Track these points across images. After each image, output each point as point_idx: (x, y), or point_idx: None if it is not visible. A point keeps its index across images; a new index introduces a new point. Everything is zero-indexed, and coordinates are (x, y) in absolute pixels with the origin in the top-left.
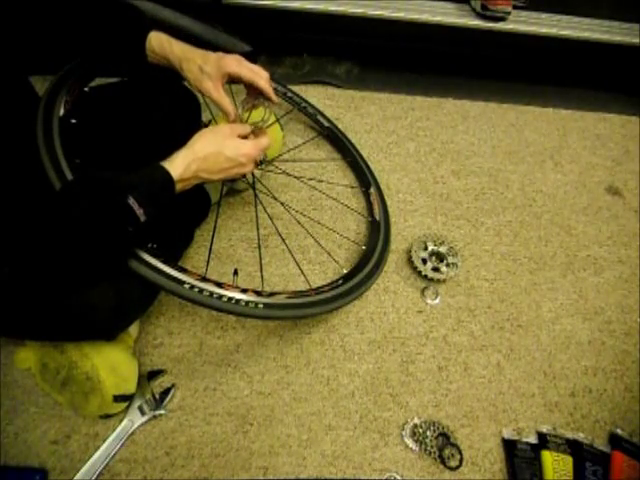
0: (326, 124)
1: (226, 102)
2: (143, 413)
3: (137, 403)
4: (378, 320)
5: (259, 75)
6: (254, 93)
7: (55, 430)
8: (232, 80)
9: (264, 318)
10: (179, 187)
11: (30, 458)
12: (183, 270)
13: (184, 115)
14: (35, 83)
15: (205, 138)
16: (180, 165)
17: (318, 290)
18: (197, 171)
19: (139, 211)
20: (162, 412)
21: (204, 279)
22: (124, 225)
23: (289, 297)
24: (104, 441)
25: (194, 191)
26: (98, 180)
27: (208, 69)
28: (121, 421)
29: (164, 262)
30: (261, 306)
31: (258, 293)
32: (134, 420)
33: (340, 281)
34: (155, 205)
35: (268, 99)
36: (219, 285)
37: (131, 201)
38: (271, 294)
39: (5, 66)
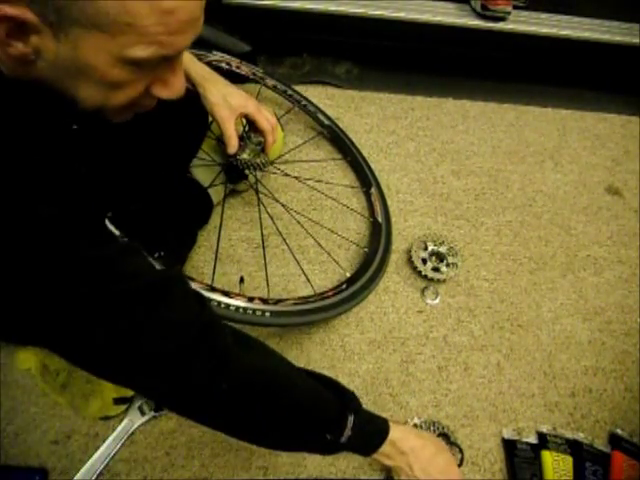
0: (326, 122)
1: (233, 137)
2: (143, 413)
3: (137, 403)
4: (378, 320)
5: (271, 128)
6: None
7: (55, 430)
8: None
9: (270, 326)
10: (385, 450)
11: (30, 458)
12: (190, 280)
13: (189, 119)
14: None
15: (434, 441)
16: (401, 431)
17: (323, 295)
18: (406, 451)
19: (346, 433)
20: (162, 412)
21: (212, 289)
22: (328, 429)
23: (295, 304)
24: (104, 441)
25: (196, 193)
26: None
27: (232, 102)
28: (121, 421)
29: None
30: (268, 314)
31: (264, 301)
32: (134, 420)
33: (344, 285)
34: (359, 438)
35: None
36: (226, 294)
37: (350, 419)
38: (277, 301)
39: None
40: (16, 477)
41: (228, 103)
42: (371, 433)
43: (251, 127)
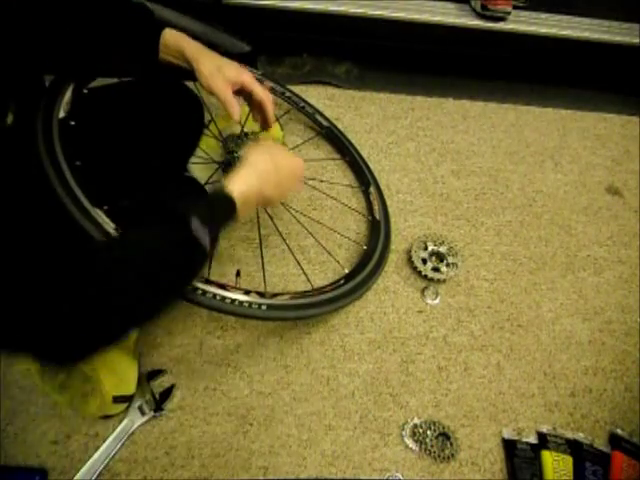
0: (325, 123)
1: (234, 103)
2: (143, 413)
3: (137, 403)
4: (378, 320)
5: (268, 98)
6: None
7: (55, 430)
8: (240, 92)
9: (267, 319)
10: (242, 210)
11: (30, 458)
12: None
13: (186, 117)
14: None
15: (260, 153)
16: (238, 183)
17: (320, 290)
18: (258, 191)
19: (205, 241)
20: (162, 412)
21: (207, 281)
22: (197, 260)
23: (292, 298)
24: (104, 441)
25: (194, 190)
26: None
27: (226, 72)
28: (121, 421)
29: None
30: (264, 307)
31: (261, 294)
32: (134, 420)
33: (342, 281)
34: (214, 224)
35: (265, 123)
36: (222, 287)
37: (195, 227)
38: (274, 295)
39: (22, 65)
40: (16, 477)
41: (222, 73)
42: (221, 212)
43: (248, 102)
